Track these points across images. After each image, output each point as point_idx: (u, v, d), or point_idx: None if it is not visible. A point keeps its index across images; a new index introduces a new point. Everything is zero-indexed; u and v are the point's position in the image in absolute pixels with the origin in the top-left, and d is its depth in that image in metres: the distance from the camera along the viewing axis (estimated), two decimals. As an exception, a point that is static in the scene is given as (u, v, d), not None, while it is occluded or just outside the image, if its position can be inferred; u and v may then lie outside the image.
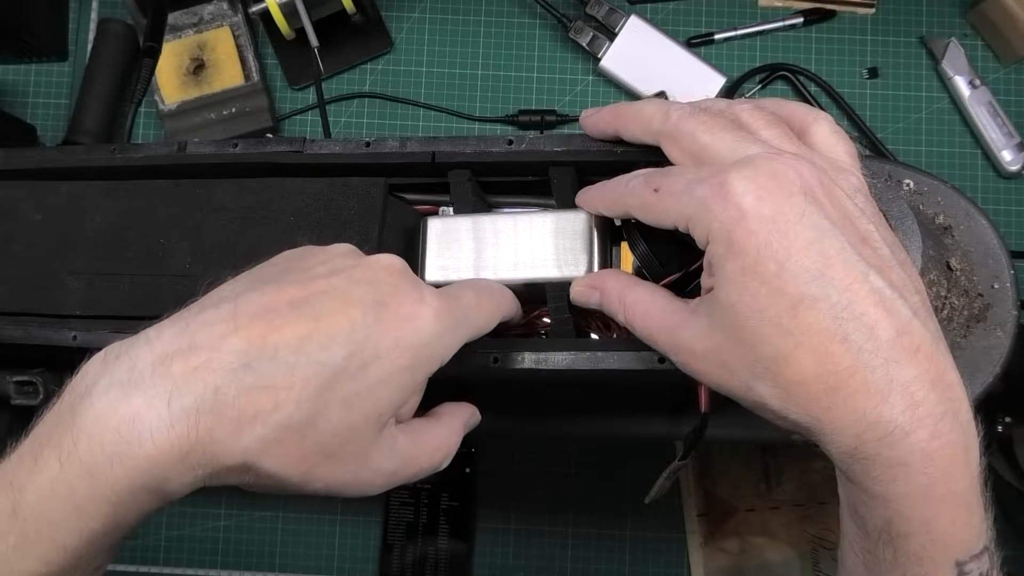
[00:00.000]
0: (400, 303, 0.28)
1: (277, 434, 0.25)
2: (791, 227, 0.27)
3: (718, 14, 0.68)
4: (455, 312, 0.30)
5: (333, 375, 0.26)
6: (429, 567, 0.64)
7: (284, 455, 0.26)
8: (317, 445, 0.26)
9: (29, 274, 0.41)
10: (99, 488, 0.25)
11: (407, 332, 0.28)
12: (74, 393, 0.26)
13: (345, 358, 0.27)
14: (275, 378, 0.25)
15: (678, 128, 0.32)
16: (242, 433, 0.25)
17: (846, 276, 0.27)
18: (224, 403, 0.25)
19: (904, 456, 0.27)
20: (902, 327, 0.27)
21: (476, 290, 0.33)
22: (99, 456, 0.25)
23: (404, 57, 0.68)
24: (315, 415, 0.26)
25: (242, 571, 0.65)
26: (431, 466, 0.32)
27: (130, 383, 0.25)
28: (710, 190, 0.28)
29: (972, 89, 0.65)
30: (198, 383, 0.25)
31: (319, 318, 0.27)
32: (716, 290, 0.29)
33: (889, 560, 0.29)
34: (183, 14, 0.64)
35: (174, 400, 0.25)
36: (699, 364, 0.30)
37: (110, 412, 0.25)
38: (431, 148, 0.39)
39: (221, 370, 0.25)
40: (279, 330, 0.26)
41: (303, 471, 0.27)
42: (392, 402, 0.28)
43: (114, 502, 0.25)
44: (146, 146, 0.42)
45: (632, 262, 0.38)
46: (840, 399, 0.27)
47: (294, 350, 0.26)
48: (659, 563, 0.65)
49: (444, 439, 0.33)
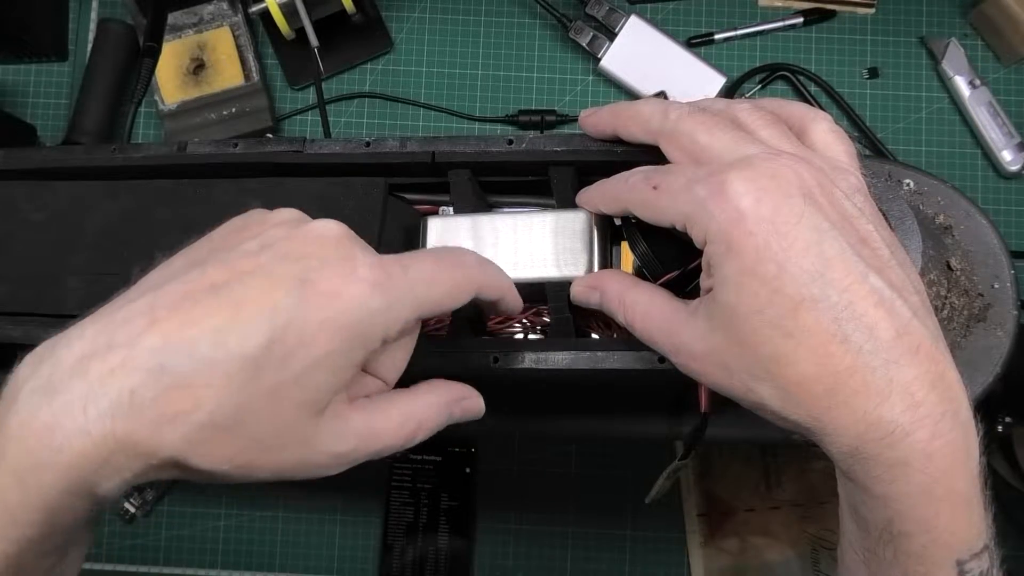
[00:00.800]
0: (327, 279, 0.26)
1: (201, 434, 0.24)
2: (790, 228, 0.27)
3: (718, 14, 0.68)
4: (400, 285, 0.27)
5: (256, 367, 0.24)
6: (429, 567, 0.64)
7: (213, 453, 0.25)
8: (249, 440, 0.25)
9: (29, 274, 0.41)
10: (29, 495, 0.24)
11: (334, 311, 0.25)
12: (5, 399, 0.25)
13: (267, 347, 0.24)
14: (193, 376, 0.24)
15: (677, 128, 0.32)
16: (163, 435, 0.24)
17: (846, 277, 0.27)
18: (141, 405, 0.24)
19: (904, 456, 0.27)
20: (902, 327, 0.27)
21: (438, 260, 0.29)
22: (26, 463, 0.24)
23: (404, 57, 0.68)
24: (241, 411, 0.25)
25: (242, 571, 0.65)
26: (398, 442, 0.29)
27: (50, 388, 0.24)
28: (708, 190, 0.28)
29: (972, 89, 0.65)
30: (114, 386, 0.24)
31: (240, 304, 0.25)
32: (715, 291, 0.29)
33: (890, 559, 0.29)
34: (183, 14, 0.64)
35: (90, 405, 0.24)
36: (699, 365, 0.30)
37: (32, 419, 0.24)
38: (431, 148, 0.39)
39: (138, 370, 0.24)
40: (197, 322, 0.24)
41: (239, 465, 0.25)
42: (326, 387, 0.26)
43: (46, 508, 0.24)
44: (146, 146, 0.42)
45: (632, 262, 0.38)
46: (840, 400, 0.27)
47: (212, 344, 0.24)
48: (659, 563, 0.65)
49: (413, 414, 0.30)
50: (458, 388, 0.32)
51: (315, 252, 0.26)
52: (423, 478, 0.65)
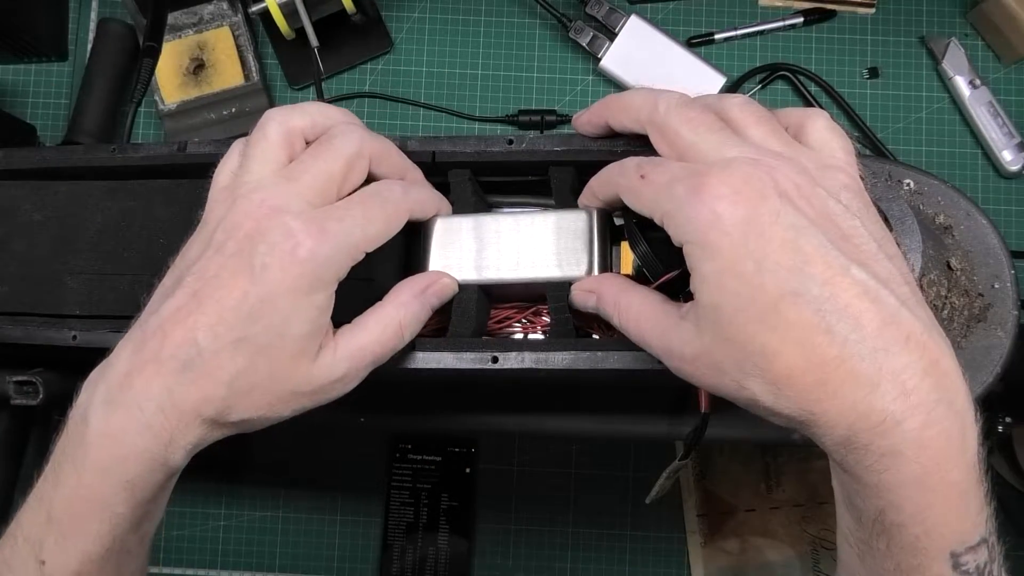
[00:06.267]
0: (274, 256, 0.30)
1: (228, 401, 0.31)
2: (766, 227, 0.27)
3: (718, 14, 0.68)
4: (338, 234, 0.31)
5: (248, 342, 0.31)
6: (429, 567, 0.64)
7: (242, 408, 0.32)
8: (265, 392, 0.32)
9: (29, 274, 0.41)
10: (115, 481, 0.31)
11: (291, 277, 0.31)
12: (74, 420, 0.32)
13: (249, 325, 0.31)
14: (206, 366, 0.31)
15: (665, 122, 0.32)
16: (203, 412, 0.31)
17: (826, 270, 0.27)
18: (180, 397, 0.31)
19: (896, 445, 0.27)
20: (889, 316, 0.27)
21: (365, 203, 0.33)
22: (109, 460, 0.31)
23: (404, 57, 0.68)
24: (251, 376, 0.31)
25: (242, 571, 0.65)
26: (386, 347, 0.34)
27: (110, 401, 0.31)
28: (686, 190, 0.29)
29: (972, 89, 0.65)
30: (155, 389, 0.31)
31: (219, 303, 0.31)
32: (697, 293, 0.29)
33: (883, 551, 0.28)
34: (183, 14, 0.64)
35: (143, 407, 0.31)
36: (690, 367, 0.30)
37: (104, 428, 0.31)
38: (431, 148, 0.39)
39: (169, 373, 0.31)
40: (194, 327, 0.31)
41: (266, 412, 0.32)
42: (306, 334, 0.32)
43: (130, 488, 0.31)
44: (146, 146, 0.42)
45: (632, 262, 0.38)
46: (830, 390, 0.27)
47: (211, 338, 0.31)
48: (659, 563, 0.65)
49: (389, 317, 0.34)
50: (423, 277, 0.37)
51: (258, 240, 0.31)
52: (423, 478, 0.65)
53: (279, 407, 0.33)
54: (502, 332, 0.41)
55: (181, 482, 0.34)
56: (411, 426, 0.62)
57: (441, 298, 0.37)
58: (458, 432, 0.65)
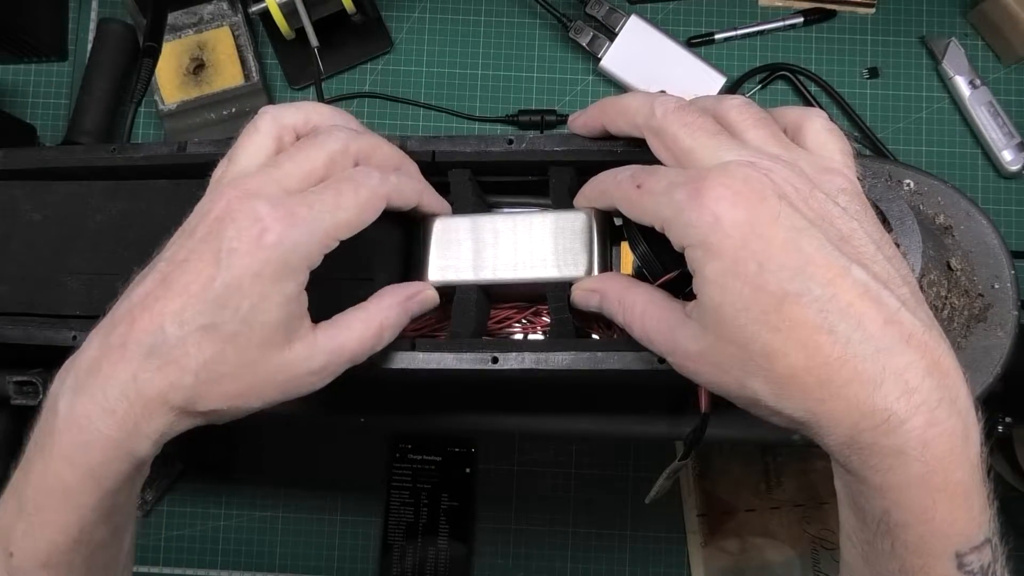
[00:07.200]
0: (242, 241, 0.30)
1: (197, 388, 0.31)
2: (767, 229, 0.27)
3: (718, 14, 0.68)
4: (307, 220, 0.31)
5: (216, 330, 0.30)
6: (429, 567, 0.64)
7: (212, 397, 0.31)
8: (234, 381, 0.31)
9: (29, 274, 0.41)
10: (80, 469, 0.30)
11: (258, 263, 0.30)
12: (46, 408, 0.32)
13: (216, 311, 0.30)
14: (173, 352, 0.30)
15: (662, 126, 0.32)
16: (169, 400, 0.31)
17: (827, 271, 0.27)
18: (145, 384, 0.30)
19: (900, 444, 0.27)
20: (890, 316, 0.27)
21: (337, 188, 0.33)
22: (72, 447, 0.31)
23: (404, 57, 0.68)
24: (217, 363, 0.31)
25: (242, 571, 0.65)
26: (365, 348, 0.34)
27: (77, 388, 0.31)
28: (686, 195, 0.29)
29: (972, 89, 0.65)
30: (120, 375, 0.30)
31: (186, 288, 0.30)
32: (700, 293, 0.29)
33: (887, 551, 0.28)
34: (183, 14, 0.64)
35: (108, 393, 0.30)
36: (694, 364, 0.30)
37: (69, 413, 0.31)
38: (431, 148, 0.39)
39: (135, 359, 0.30)
40: (161, 312, 0.30)
41: (236, 402, 0.32)
42: (275, 321, 0.31)
43: (95, 477, 0.31)
44: (146, 146, 0.42)
45: (632, 262, 0.38)
46: (833, 390, 0.27)
47: (177, 324, 0.30)
48: (659, 563, 0.65)
49: (371, 320, 0.34)
50: (407, 286, 0.37)
51: (227, 224, 0.31)
52: (423, 478, 0.65)
53: (249, 397, 0.32)
54: (502, 332, 0.41)
55: (181, 482, 0.34)
56: (411, 426, 0.62)
57: (423, 308, 0.37)
58: (458, 432, 0.65)
